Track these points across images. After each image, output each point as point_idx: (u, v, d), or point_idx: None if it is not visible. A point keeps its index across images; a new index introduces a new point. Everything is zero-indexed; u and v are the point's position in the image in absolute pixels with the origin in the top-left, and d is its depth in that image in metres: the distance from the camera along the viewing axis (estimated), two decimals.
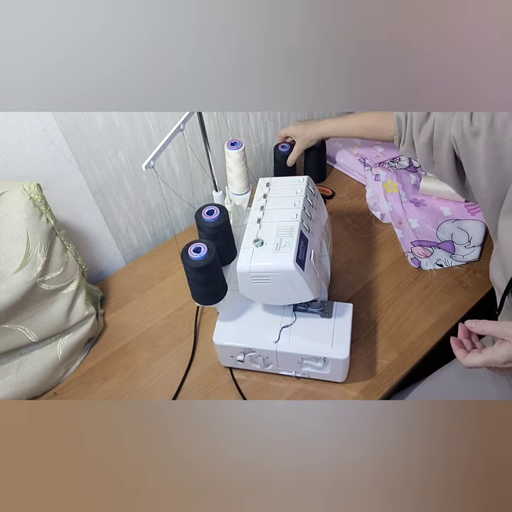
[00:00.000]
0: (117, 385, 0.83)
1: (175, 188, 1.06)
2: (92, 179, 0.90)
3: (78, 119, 0.81)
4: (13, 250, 0.71)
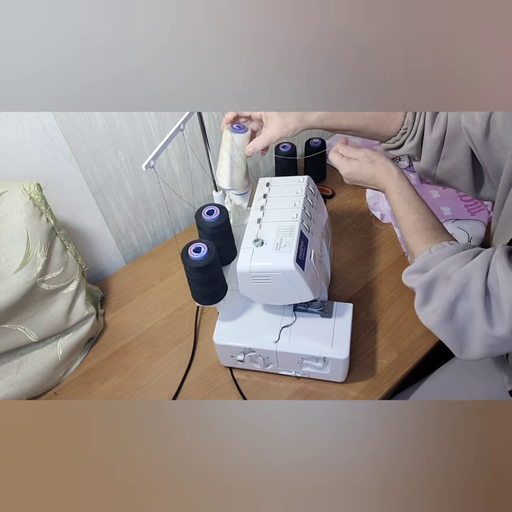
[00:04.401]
0: (117, 385, 0.83)
1: (175, 188, 1.06)
2: (92, 179, 0.90)
3: (78, 119, 0.81)
4: (13, 250, 0.71)
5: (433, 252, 0.63)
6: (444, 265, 0.60)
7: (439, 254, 0.62)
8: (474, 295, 0.56)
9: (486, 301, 0.55)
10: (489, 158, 0.71)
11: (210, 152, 0.75)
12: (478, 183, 0.78)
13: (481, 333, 0.56)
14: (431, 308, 0.61)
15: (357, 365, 0.81)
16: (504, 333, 0.54)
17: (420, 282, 0.62)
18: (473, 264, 0.57)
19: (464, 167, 0.76)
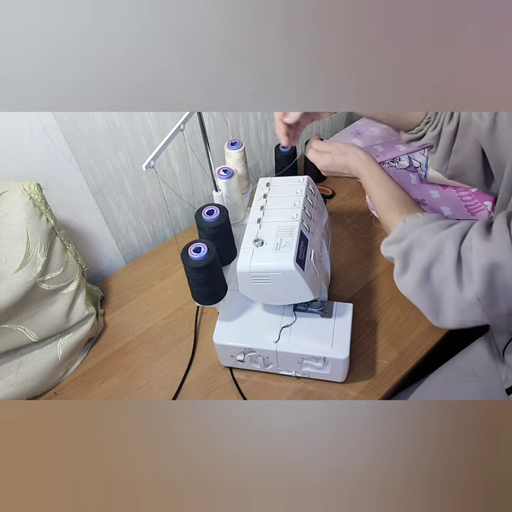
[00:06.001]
0: (117, 385, 0.83)
1: (175, 188, 1.06)
2: (92, 179, 0.90)
3: (78, 119, 0.81)
4: (13, 250, 0.71)
5: (407, 222, 0.65)
6: (418, 233, 0.62)
7: (413, 223, 0.64)
8: (447, 260, 0.57)
9: (458, 266, 0.57)
10: (494, 153, 0.72)
11: (210, 152, 0.75)
12: (488, 178, 0.78)
13: (453, 297, 0.57)
14: (408, 275, 0.62)
15: (357, 365, 0.81)
16: (471, 297, 0.55)
17: (397, 251, 0.64)
18: (448, 233, 0.59)
19: (474, 161, 0.76)
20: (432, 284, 0.59)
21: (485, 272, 0.54)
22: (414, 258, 0.61)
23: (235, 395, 0.80)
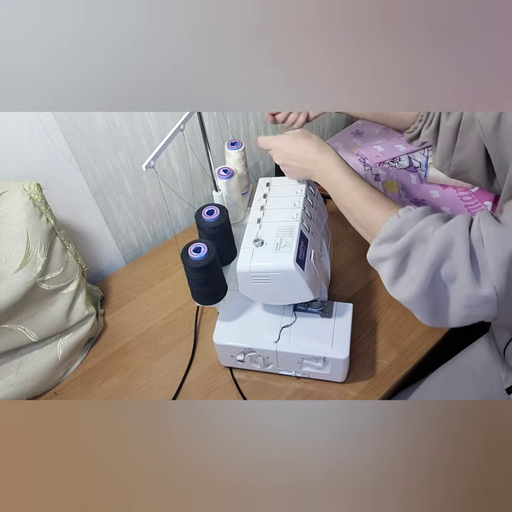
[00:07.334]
0: (117, 385, 0.83)
1: (175, 188, 1.06)
2: (92, 179, 0.90)
3: (78, 119, 0.81)
4: (13, 250, 0.71)
5: (401, 216, 0.57)
6: (419, 228, 0.54)
7: (409, 217, 0.56)
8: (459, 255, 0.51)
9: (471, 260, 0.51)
10: (497, 152, 0.70)
11: (210, 152, 0.75)
12: (491, 176, 0.77)
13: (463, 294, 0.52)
14: (407, 277, 0.55)
15: (357, 365, 0.81)
16: (488, 292, 0.50)
17: (394, 250, 0.55)
18: (453, 225, 0.53)
19: (476, 159, 0.75)
20: (437, 281, 0.53)
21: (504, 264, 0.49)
22: (416, 256, 0.54)
23: (235, 395, 0.80)
